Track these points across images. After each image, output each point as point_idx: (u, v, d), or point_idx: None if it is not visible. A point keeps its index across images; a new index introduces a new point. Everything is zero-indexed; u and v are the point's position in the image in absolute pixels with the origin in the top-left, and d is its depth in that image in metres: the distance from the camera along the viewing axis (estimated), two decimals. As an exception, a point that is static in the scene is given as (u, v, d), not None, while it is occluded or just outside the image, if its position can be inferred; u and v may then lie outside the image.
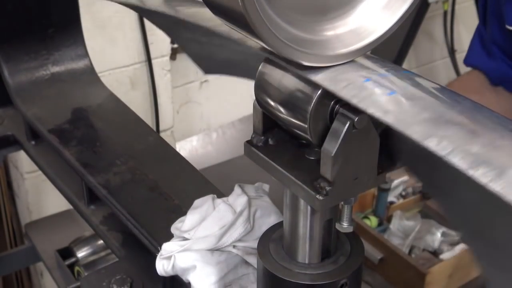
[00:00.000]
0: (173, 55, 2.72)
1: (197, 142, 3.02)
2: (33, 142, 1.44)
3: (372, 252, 2.30)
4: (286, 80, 0.69)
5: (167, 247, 0.94)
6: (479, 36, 1.34)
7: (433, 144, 0.52)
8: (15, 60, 1.46)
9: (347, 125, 0.65)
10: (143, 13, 1.28)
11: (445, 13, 3.43)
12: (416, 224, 2.50)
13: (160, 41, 2.60)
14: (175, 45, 2.70)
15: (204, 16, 0.77)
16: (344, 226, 0.73)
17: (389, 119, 0.55)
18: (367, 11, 0.65)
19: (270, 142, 0.75)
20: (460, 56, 3.75)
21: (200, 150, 3.01)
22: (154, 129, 2.70)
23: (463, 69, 3.70)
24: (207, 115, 3.05)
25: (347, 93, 0.60)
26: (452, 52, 3.60)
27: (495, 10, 1.43)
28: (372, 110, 0.57)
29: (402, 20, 0.64)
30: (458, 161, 0.50)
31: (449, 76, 3.75)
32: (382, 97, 0.58)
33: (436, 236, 2.46)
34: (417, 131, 0.54)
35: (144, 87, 2.65)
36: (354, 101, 0.58)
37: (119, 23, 2.43)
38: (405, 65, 3.41)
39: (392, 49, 3.15)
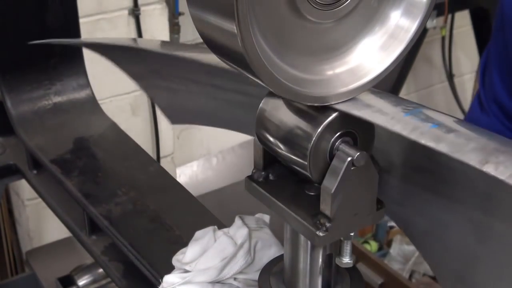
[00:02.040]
0: (174, 81, 2.74)
1: (198, 168, 3.03)
2: (34, 172, 1.45)
3: (373, 277, 2.30)
4: (286, 118, 0.70)
5: (168, 279, 0.95)
6: (478, 99, 1.37)
7: (491, 169, 0.55)
8: (18, 90, 1.48)
9: (347, 162, 0.66)
10: (115, 59, 1.28)
11: (443, 38, 3.45)
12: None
13: (161, 68, 2.62)
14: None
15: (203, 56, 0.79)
16: (344, 261, 0.74)
17: (443, 148, 0.58)
18: (365, 51, 0.66)
19: (271, 177, 0.76)
20: (458, 80, 3.77)
21: (201, 176, 3.02)
22: (155, 155, 2.71)
23: (461, 93, 3.73)
24: (207, 141, 3.07)
25: (395, 126, 0.62)
26: (450, 76, 3.62)
27: (497, 59, 1.45)
28: (423, 141, 0.59)
29: (398, 60, 0.66)
30: None
31: (447, 100, 3.78)
32: (427, 129, 0.61)
33: (437, 261, 2.46)
34: (472, 158, 0.56)
35: (144, 113, 2.66)
36: (404, 133, 0.61)
37: (120, 51, 2.45)
38: (404, 89, 3.43)
39: (391, 74, 3.16)
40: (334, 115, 0.66)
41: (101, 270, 1.65)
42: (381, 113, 0.64)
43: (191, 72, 1.01)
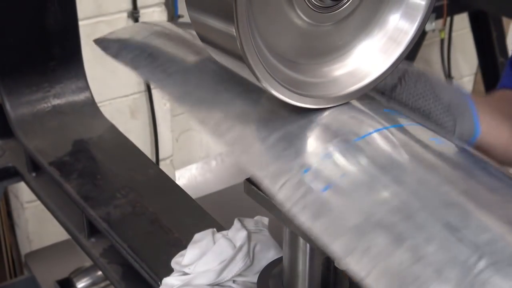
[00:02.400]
0: (173, 84, 2.74)
1: (197, 170, 3.03)
2: (33, 174, 1.45)
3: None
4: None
5: (167, 282, 0.95)
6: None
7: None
8: (17, 93, 1.48)
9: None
10: None
11: (442, 41, 3.46)
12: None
13: (160, 70, 2.62)
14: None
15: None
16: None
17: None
18: (364, 54, 0.66)
19: (270, 179, 0.76)
20: (457, 83, 3.78)
21: (199, 178, 3.02)
22: (154, 157, 2.71)
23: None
24: (206, 143, 3.07)
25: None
26: (449, 78, 3.63)
27: None
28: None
29: (397, 63, 0.66)
30: None
31: (446, 102, 3.77)
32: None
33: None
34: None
35: (143, 116, 2.66)
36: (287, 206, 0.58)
37: (119, 53, 2.45)
38: (403, 92, 3.43)
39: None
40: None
41: (100, 272, 1.65)
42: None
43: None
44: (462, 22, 3.44)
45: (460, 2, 3.05)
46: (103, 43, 0.93)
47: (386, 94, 0.78)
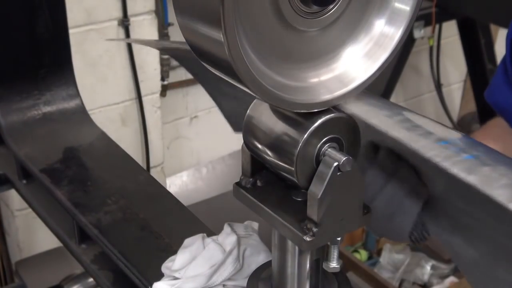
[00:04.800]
0: (163, 92, 2.75)
1: (187, 178, 3.03)
2: (24, 181, 1.45)
3: (363, 286, 2.31)
4: (273, 124, 0.71)
5: (157, 286, 0.96)
6: (504, 73, 1.32)
7: None
8: (7, 101, 1.48)
9: (333, 168, 0.67)
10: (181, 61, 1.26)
11: (431, 48, 3.48)
12: (406, 257, 2.51)
13: (150, 78, 2.63)
14: (165, 82, 2.73)
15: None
16: (331, 266, 0.75)
17: (472, 179, 0.60)
18: (350, 58, 0.67)
19: (259, 183, 0.77)
20: (446, 90, 3.80)
21: (190, 185, 3.03)
22: (145, 165, 2.71)
23: (449, 102, 3.76)
24: (197, 151, 3.07)
25: (428, 153, 0.64)
26: (438, 85, 3.65)
27: None
28: (455, 171, 0.61)
29: (383, 67, 0.67)
30: None
31: (436, 109, 3.80)
32: (461, 159, 0.63)
33: (426, 269, 2.48)
34: (500, 194, 0.58)
35: (134, 123, 2.67)
36: (437, 159, 0.63)
37: (110, 62, 2.46)
38: (392, 99, 3.45)
39: (380, 83, 3.19)
40: (320, 121, 0.67)
41: (91, 279, 1.65)
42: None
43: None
44: (450, 30, 3.46)
45: (448, 9, 3.07)
46: None
47: None
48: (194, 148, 3.06)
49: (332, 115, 0.68)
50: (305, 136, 0.68)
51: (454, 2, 3.04)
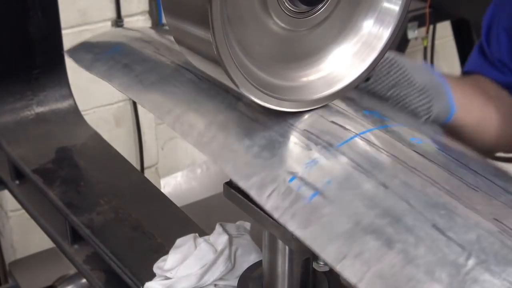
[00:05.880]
0: (157, 92, 2.75)
1: (182, 178, 3.03)
2: (17, 182, 1.45)
3: (353, 285, 2.30)
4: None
5: (149, 286, 0.96)
6: (481, 52, 1.31)
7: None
8: (0, 101, 1.48)
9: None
10: None
11: (425, 48, 3.48)
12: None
13: (144, 79, 2.63)
14: (159, 83, 2.73)
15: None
16: (321, 265, 0.75)
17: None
18: (338, 58, 0.68)
19: (249, 183, 0.77)
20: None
21: (185, 186, 3.03)
22: (139, 166, 2.71)
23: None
24: (192, 151, 3.07)
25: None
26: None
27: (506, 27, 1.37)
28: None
29: (371, 68, 0.67)
30: None
31: (430, 110, 3.80)
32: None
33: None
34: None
35: (128, 124, 2.66)
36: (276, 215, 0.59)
37: (104, 62, 2.46)
38: (387, 100, 3.45)
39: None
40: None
41: (84, 280, 1.64)
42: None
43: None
44: (444, 30, 3.47)
45: (442, 10, 3.08)
46: (75, 54, 0.91)
47: (360, 87, 0.79)
48: (189, 148, 3.05)
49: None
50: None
51: (448, 3, 3.04)
